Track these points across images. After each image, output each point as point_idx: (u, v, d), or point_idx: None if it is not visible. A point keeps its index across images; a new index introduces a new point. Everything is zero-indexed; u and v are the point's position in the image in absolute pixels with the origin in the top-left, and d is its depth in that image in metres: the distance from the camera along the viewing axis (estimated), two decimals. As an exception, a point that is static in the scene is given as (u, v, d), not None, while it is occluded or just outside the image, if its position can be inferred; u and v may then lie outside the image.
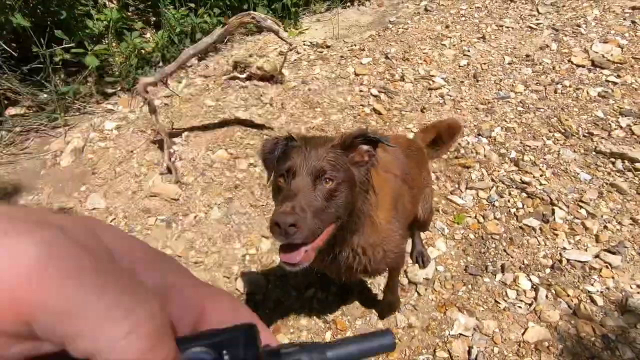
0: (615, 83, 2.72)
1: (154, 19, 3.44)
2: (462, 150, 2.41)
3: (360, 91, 2.97)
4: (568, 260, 1.80)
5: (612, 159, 2.23)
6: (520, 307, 1.68)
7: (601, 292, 1.69)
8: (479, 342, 1.58)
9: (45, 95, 2.96)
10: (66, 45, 2.83)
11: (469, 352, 1.56)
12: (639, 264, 1.77)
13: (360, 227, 1.16)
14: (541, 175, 2.20)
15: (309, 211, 0.93)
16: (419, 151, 1.68)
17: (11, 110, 2.90)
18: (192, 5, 3.29)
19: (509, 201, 2.11)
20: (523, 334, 1.59)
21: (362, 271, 1.25)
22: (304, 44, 3.51)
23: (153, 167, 2.53)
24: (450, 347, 1.58)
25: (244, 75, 3.09)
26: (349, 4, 4.20)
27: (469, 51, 3.22)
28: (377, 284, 1.81)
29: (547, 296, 1.70)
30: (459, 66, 3.10)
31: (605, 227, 1.92)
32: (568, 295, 1.69)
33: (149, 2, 3.30)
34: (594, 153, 2.29)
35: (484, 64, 3.07)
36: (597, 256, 1.80)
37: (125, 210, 2.28)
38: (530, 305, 1.68)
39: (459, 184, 2.23)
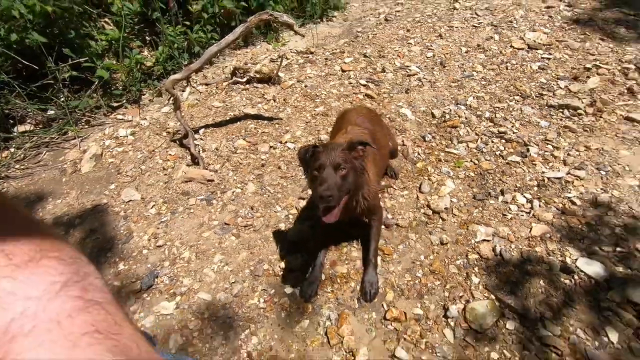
0: (549, 58, 3.43)
1: (149, 38, 3.68)
2: (447, 115, 2.90)
3: (350, 83, 3.42)
4: (548, 178, 2.29)
5: (561, 110, 2.83)
6: (522, 215, 2.11)
7: (577, 196, 2.17)
8: (499, 243, 1.96)
9: (52, 112, 3.04)
10: (75, 61, 2.98)
11: (494, 250, 1.93)
12: (596, 177, 2.30)
13: (361, 190, 1.73)
14: (512, 126, 2.74)
15: (335, 187, 1.50)
16: (376, 115, 2.39)
17: (20, 128, 2.95)
18: (188, 23, 3.60)
19: (493, 147, 2.59)
20: (530, 231, 2.00)
21: (361, 212, 1.81)
22: (291, 52, 3.93)
23: (179, 160, 2.72)
24: (479, 250, 1.94)
25: (244, 79, 3.42)
26: (319, 20, 4.75)
27: (431, 46, 3.84)
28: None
29: (539, 205, 2.15)
30: (427, 57, 3.68)
31: (568, 154, 2.45)
32: (554, 202, 2.15)
33: (145, 22, 3.56)
34: (547, 107, 2.89)
35: (447, 54, 3.69)
36: (568, 173, 2.30)
37: (163, 196, 2.44)
38: (529, 213, 2.12)
39: (452, 140, 2.69)
